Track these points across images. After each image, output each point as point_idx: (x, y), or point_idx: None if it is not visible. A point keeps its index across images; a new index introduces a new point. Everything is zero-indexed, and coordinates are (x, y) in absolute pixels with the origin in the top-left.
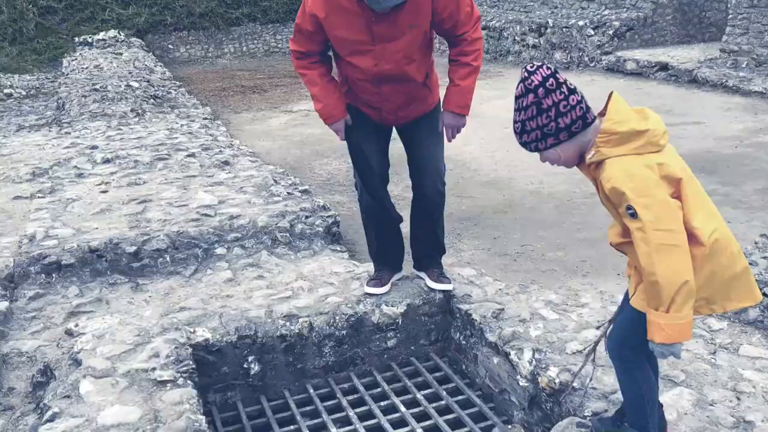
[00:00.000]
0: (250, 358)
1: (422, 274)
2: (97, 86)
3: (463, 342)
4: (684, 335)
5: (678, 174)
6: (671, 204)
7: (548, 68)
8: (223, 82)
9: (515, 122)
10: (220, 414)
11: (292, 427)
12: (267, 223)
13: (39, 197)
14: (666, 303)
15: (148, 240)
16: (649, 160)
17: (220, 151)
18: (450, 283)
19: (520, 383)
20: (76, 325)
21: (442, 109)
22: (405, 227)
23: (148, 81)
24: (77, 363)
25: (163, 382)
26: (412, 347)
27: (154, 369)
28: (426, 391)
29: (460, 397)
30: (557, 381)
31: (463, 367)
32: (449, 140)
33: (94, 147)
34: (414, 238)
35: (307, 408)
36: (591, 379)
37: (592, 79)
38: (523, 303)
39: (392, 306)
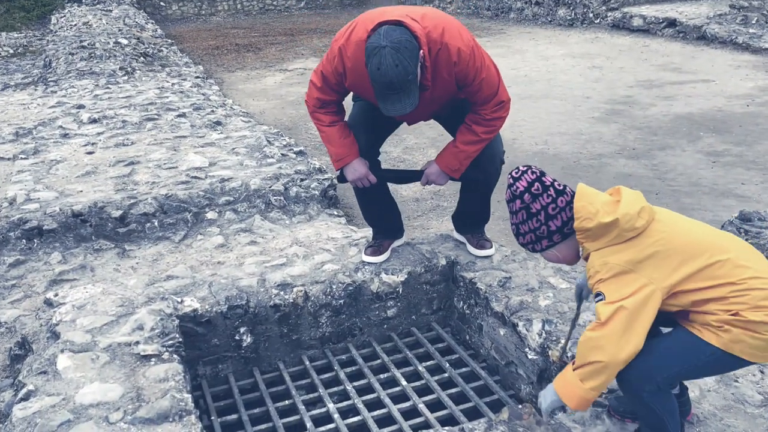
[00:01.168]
0: (241, 330)
1: (462, 238)
2: (85, 43)
3: (467, 311)
4: (574, 402)
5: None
6: (640, 314)
7: (533, 172)
8: (217, 40)
9: (511, 224)
10: (210, 388)
11: (287, 401)
12: (260, 186)
13: (21, 158)
14: (579, 363)
15: (135, 204)
16: (631, 253)
17: (212, 110)
18: (492, 247)
19: (529, 356)
20: (56, 295)
21: (434, 159)
22: (405, 189)
23: (138, 38)
24: (55, 336)
25: (147, 357)
26: (413, 317)
27: (137, 343)
28: (428, 363)
29: (463, 370)
30: (569, 355)
31: (467, 337)
32: (422, 184)
33: (81, 106)
34: (461, 208)
35: (303, 381)
36: None
37: (597, 37)
38: (531, 271)
39: (392, 274)
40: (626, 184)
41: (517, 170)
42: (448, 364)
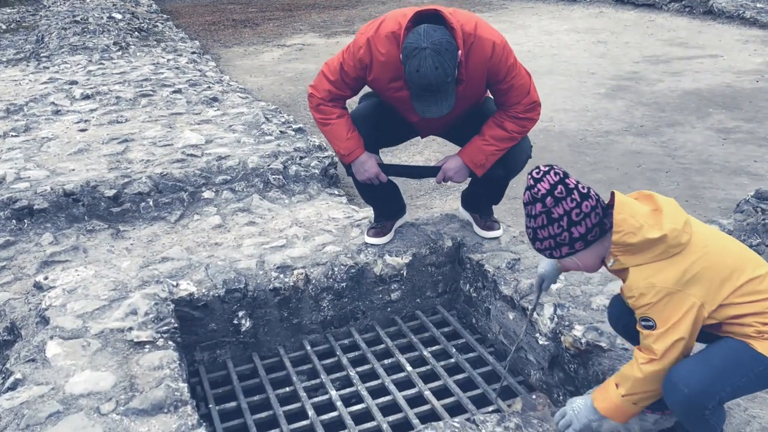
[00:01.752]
0: (240, 314)
1: (468, 216)
2: (78, 18)
3: (474, 294)
4: (616, 417)
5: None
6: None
7: (556, 173)
8: (213, 15)
9: (527, 227)
10: (208, 374)
11: (287, 388)
12: (258, 164)
13: (12, 136)
14: (632, 391)
15: (129, 182)
16: (676, 271)
17: (209, 87)
18: (500, 228)
19: (540, 341)
20: (46, 278)
21: (456, 153)
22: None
23: (132, 13)
24: (45, 321)
25: (141, 344)
26: (418, 300)
27: (130, 329)
28: (433, 348)
29: (470, 355)
30: (583, 341)
31: (473, 321)
32: (437, 181)
33: (74, 82)
34: (475, 189)
35: (304, 367)
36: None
37: (601, 12)
38: None
39: (396, 256)
40: (635, 161)
41: (537, 170)
42: (454, 349)
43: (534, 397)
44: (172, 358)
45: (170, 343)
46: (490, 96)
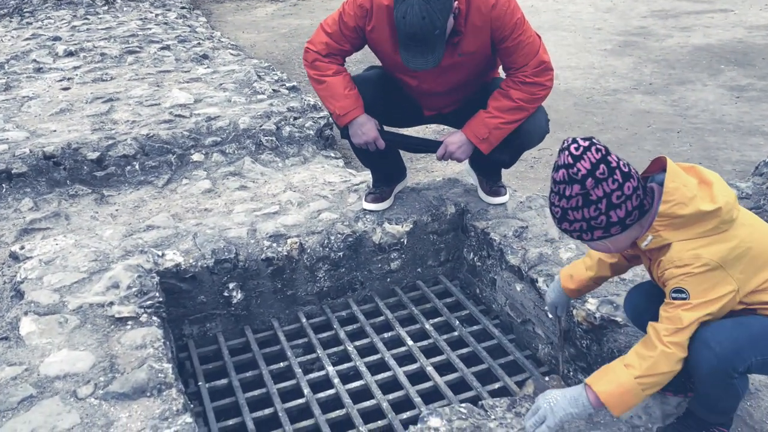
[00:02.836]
0: (230, 285)
1: (473, 177)
2: None
3: (479, 264)
4: (618, 405)
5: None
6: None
7: (598, 149)
8: None
9: (552, 204)
10: (198, 349)
11: (281, 364)
12: (250, 125)
13: None
14: (647, 372)
15: (113, 145)
16: (723, 248)
17: (199, 43)
18: (506, 194)
19: (550, 315)
20: (22, 248)
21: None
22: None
23: None
24: (19, 295)
25: (123, 320)
26: (419, 269)
27: (111, 303)
28: (435, 320)
29: (474, 328)
30: (597, 315)
31: (477, 291)
32: (437, 158)
33: (57, 38)
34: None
35: (300, 341)
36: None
37: None
38: (550, 219)
39: (396, 223)
40: (645, 121)
41: (576, 145)
42: (457, 322)
43: (547, 379)
44: (156, 335)
45: (154, 318)
46: (501, 77)
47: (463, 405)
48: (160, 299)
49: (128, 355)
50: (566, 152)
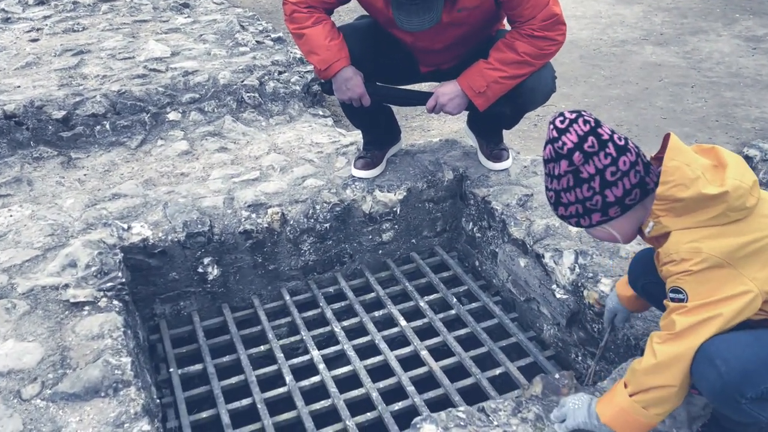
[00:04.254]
0: (205, 261)
1: (473, 139)
2: None
3: (478, 235)
4: (624, 427)
5: None
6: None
7: (585, 121)
8: None
9: (546, 189)
10: (170, 330)
11: (262, 347)
12: (231, 80)
13: None
14: (636, 388)
15: (81, 102)
16: (733, 241)
17: None
18: (509, 158)
19: (557, 294)
20: None
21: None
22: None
23: None
24: None
25: (79, 305)
26: (413, 240)
27: (66, 286)
28: (431, 297)
29: (473, 305)
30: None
31: (476, 264)
32: (427, 110)
33: None
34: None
35: (283, 320)
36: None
37: None
38: None
39: (388, 191)
40: (656, 75)
41: (561, 118)
42: (455, 299)
43: (557, 377)
44: (116, 323)
45: (115, 303)
46: (507, 29)
47: (462, 409)
48: (123, 280)
49: (82, 347)
50: (551, 125)
